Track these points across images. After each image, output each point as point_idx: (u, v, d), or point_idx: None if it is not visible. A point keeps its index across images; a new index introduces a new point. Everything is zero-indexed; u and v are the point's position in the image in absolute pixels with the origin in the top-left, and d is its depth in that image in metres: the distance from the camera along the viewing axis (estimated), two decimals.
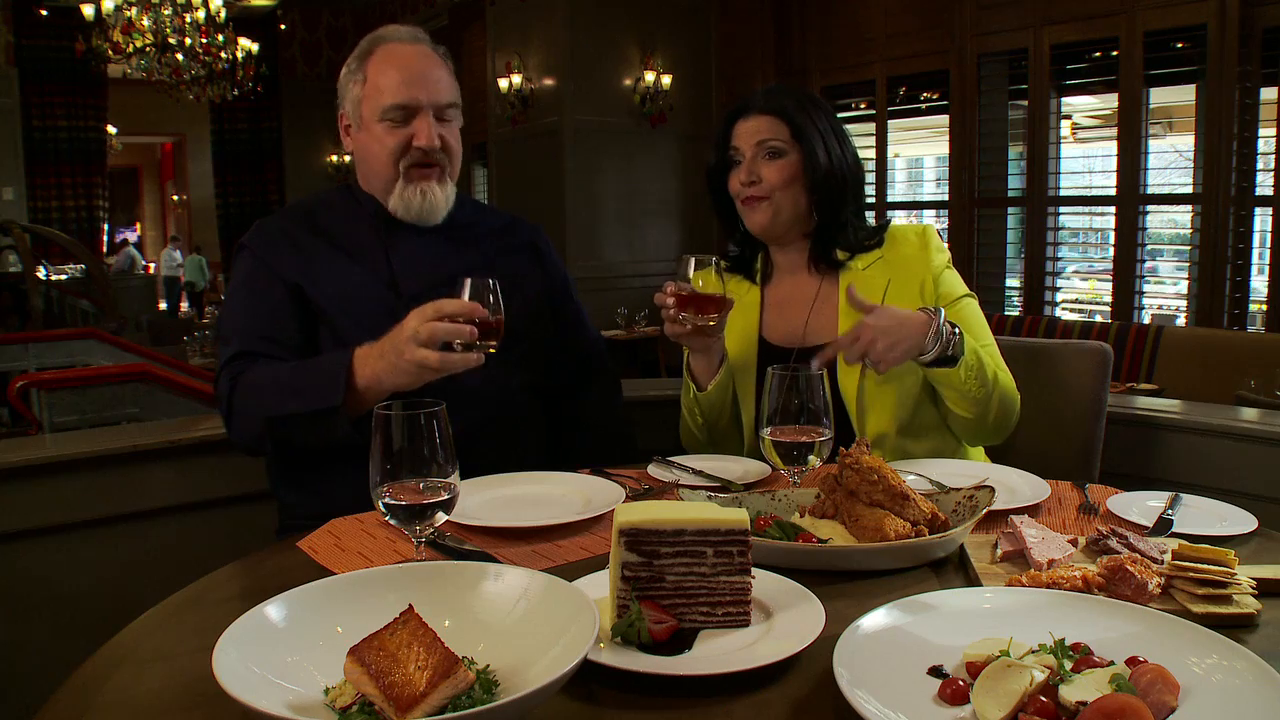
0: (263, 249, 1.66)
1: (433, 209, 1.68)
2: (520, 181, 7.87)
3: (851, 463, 1.17)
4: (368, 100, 1.65)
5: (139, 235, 18.01)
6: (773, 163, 1.70)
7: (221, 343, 1.65)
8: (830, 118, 1.75)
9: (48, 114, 10.01)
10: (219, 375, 1.60)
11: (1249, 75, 4.89)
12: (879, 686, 0.78)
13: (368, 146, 1.67)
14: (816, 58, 7.12)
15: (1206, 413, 2.04)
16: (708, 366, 1.68)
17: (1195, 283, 5.19)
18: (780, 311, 1.79)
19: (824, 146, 1.70)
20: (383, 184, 1.68)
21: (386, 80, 1.63)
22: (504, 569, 0.94)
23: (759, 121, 1.70)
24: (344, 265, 1.66)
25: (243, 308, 1.64)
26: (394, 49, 1.66)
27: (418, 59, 1.65)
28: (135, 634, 0.96)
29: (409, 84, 1.62)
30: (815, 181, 1.70)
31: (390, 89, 1.62)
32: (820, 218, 1.74)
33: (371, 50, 1.67)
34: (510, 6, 7.69)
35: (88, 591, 1.87)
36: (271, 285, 1.63)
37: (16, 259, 7.94)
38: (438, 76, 1.66)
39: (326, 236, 1.69)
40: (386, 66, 1.64)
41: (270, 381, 1.52)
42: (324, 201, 1.77)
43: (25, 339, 6.03)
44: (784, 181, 1.70)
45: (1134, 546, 1.08)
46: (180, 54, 7.17)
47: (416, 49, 1.66)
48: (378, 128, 1.64)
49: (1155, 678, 0.76)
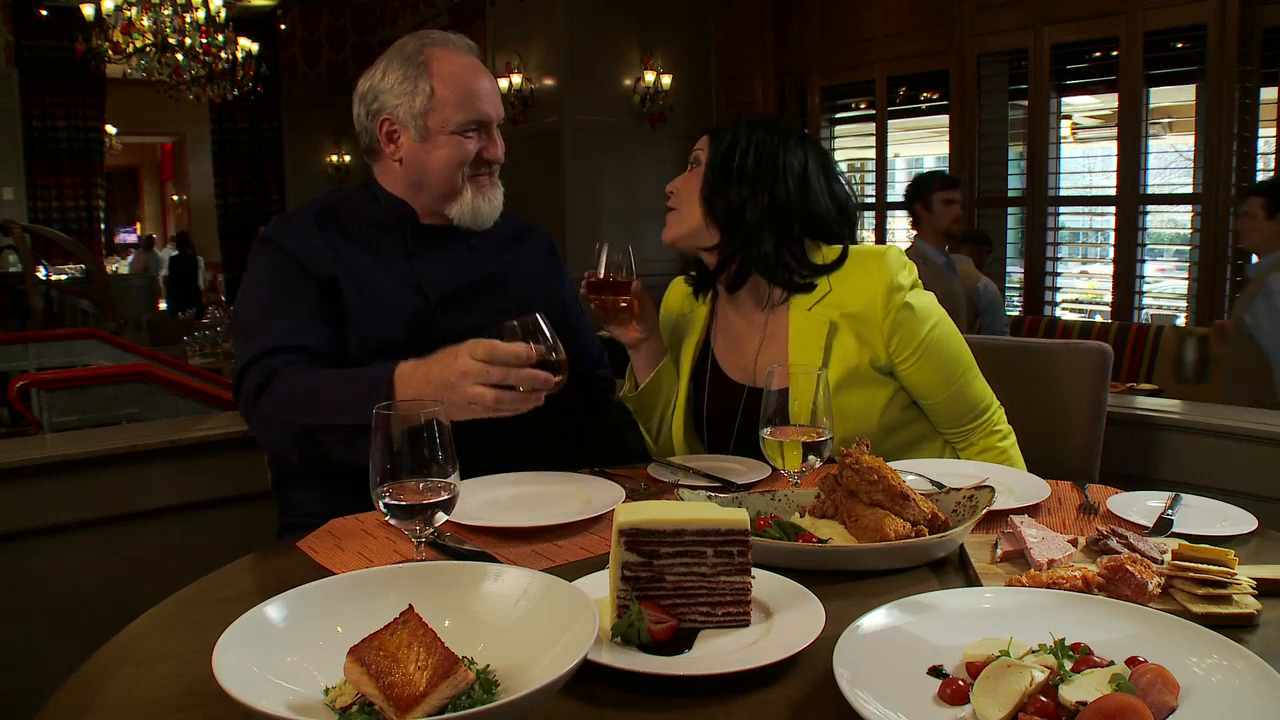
0: (291, 243, 1.63)
1: (494, 213, 1.73)
2: (520, 181, 7.85)
3: (851, 463, 1.17)
4: (435, 112, 1.63)
5: (139, 235, 18.00)
6: (686, 175, 1.67)
7: (244, 337, 1.59)
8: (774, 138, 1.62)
9: (47, 114, 9.99)
10: (243, 372, 1.54)
11: (1249, 75, 4.89)
12: (879, 686, 0.78)
13: (431, 156, 1.65)
14: (816, 58, 7.11)
15: (1206, 413, 2.05)
16: (645, 363, 1.72)
17: (1195, 283, 5.19)
18: (730, 339, 1.73)
19: (724, 161, 1.61)
20: (444, 191, 1.67)
21: (458, 94, 1.63)
22: (504, 569, 0.94)
23: (704, 138, 1.68)
24: (371, 265, 1.64)
25: (269, 302, 1.59)
26: (458, 61, 1.66)
27: (481, 72, 1.69)
28: (135, 634, 0.96)
29: (487, 97, 1.66)
30: (707, 194, 1.61)
31: (464, 103, 1.63)
32: (721, 236, 1.63)
33: (428, 60, 1.64)
34: (510, 6, 7.69)
35: (88, 591, 1.88)
36: (302, 281, 1.59)
37: (16, 259, 7.93)
38: (495, 89, 1.70)
39: (350, 233, 1.67)
40: (459, 78, 1.64)
41: (307, 390, 1.49)
42: (345, 199, 1.75)
43: (25, 339, 6.03)
44: (685, 192, 1.65)
45: (1134, 546, 1.08)
46: (180, 54, 7.15)
47: (475, 61, 1.69)
48: (447, 139, 1.64)
49: (1155, 678, 0.76)
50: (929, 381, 1.62)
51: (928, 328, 1.60)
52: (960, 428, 1.68)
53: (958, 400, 1.65)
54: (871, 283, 1.59)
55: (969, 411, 1.66)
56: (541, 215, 6.85)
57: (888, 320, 1.58)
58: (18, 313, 7.74)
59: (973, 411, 1.67)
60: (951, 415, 1.67)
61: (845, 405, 1.57)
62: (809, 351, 1.59)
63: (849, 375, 1.58)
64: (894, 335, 1.59)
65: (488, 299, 1.67)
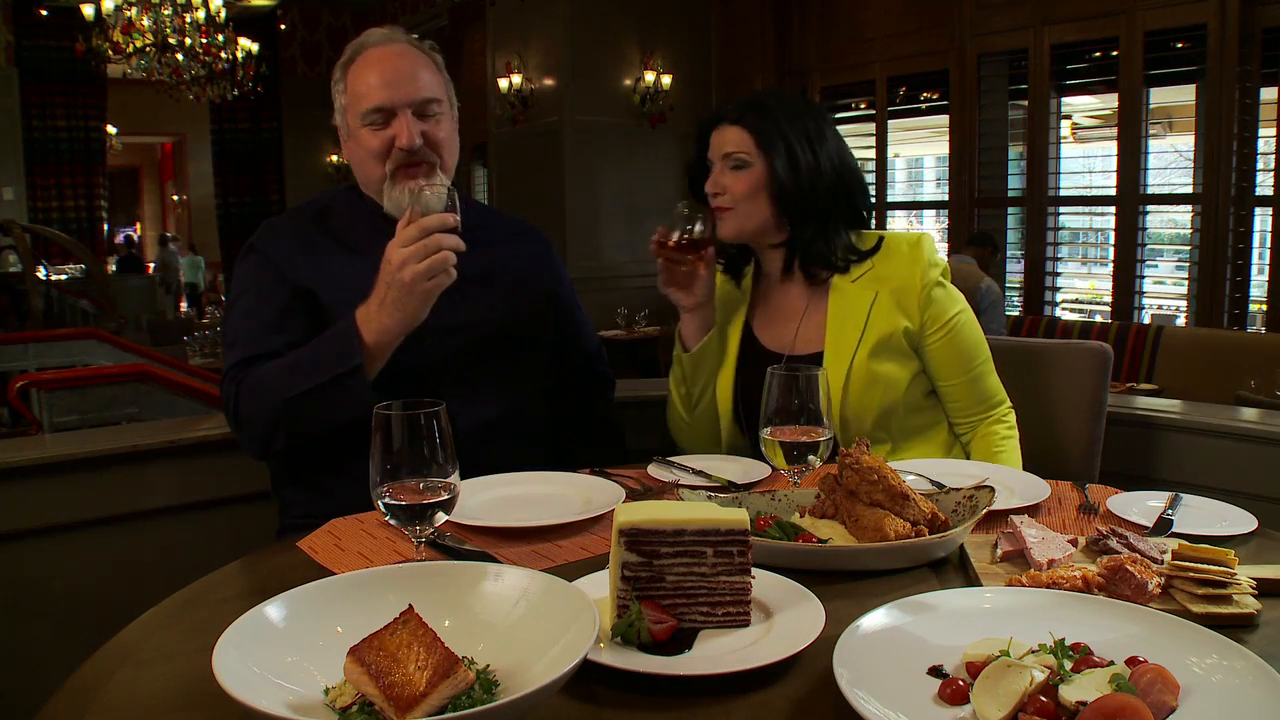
0: (272, 250, 1.65)
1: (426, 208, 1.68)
2: (520, 181, 7.87)
3: (851, 463, 1.17)
4: (350, 108, 1.65)
5: (139, 235, 18.00)
6: (737, 174, 1.69)
7: (226, 348, 1.62)
8: (813, 125, 1.71)
9: (48, 114, 9.99)
10: (223, 382, 1.58)
11: (1249, 75, 4.89)
12: (879, 686, 0.78)
13: (355, 152, 1.68)
14: (816, 58, 7.12)
15: (1206, 413, 2.05)
16: (697, 329, 1.73)
17: (1195, 283, 5.19)
18: (770, 318, 1.80)
19: (789, 159, 1.67)
20: (375, 187, 1.68)
21: (363, 85, 1.62)
22: (504, 569, 0.94)
23: (727, 133, 1.70)
24: (354, 266, 1.63)
25: (247, 312, 1.62)
26: (371, 54, 1.65)
27: (393, 59, 1.64)
28: (135, 634, 0.96)
29: (384, 85, 1.61)
30: (779, 194, 1.68)
31: (367, 93, 1.61)
32: (790, 229, 1.72)
33: (353, 58, 1.66)
34: (510, 6, 7.69)
35: (88, 591, 1.87)
36: (278, 287, 1.61)
37: (16, 259, 7.93)
38: (414, 74, 1.64)
39: (337, 237, 1.68)
40: (364, 71, 1.63)
41: (278, 370, 1.51)
42: (333, 201, 1.76)
43: (25, 339, 6.03)
44: (746, 194, 1.68)
45: (1134, 546, 1.08)
46: (180, 54, 7.16)
47: (392, 49, 1.65)
48: (361, 133, 1.64)
49: (1155, 678, 0.76)
50: (950, 361, 1.71)
51: (956, 310, 1.72)
52: (970, 418, 1.75)
53: (973, 387, 1.73)
54: (911, 260, 1.70)
55: (982, 402, 1.74)
56: (541, 215, 6.85)
57: (925, 292, 1.69)
58: (18, 313, 7.74)
59: (985, 403, 1.74)
60: (965, 403, 1.74)
61: (879, 371, 1.67)
62: (851, 321, 1.69)
63: (884, 341, 1.68)
64: (928, 308, 1.69)
65: (476, 295, 1.65)
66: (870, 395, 1.66)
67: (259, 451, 1.60)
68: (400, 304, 1.42)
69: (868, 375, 1.66)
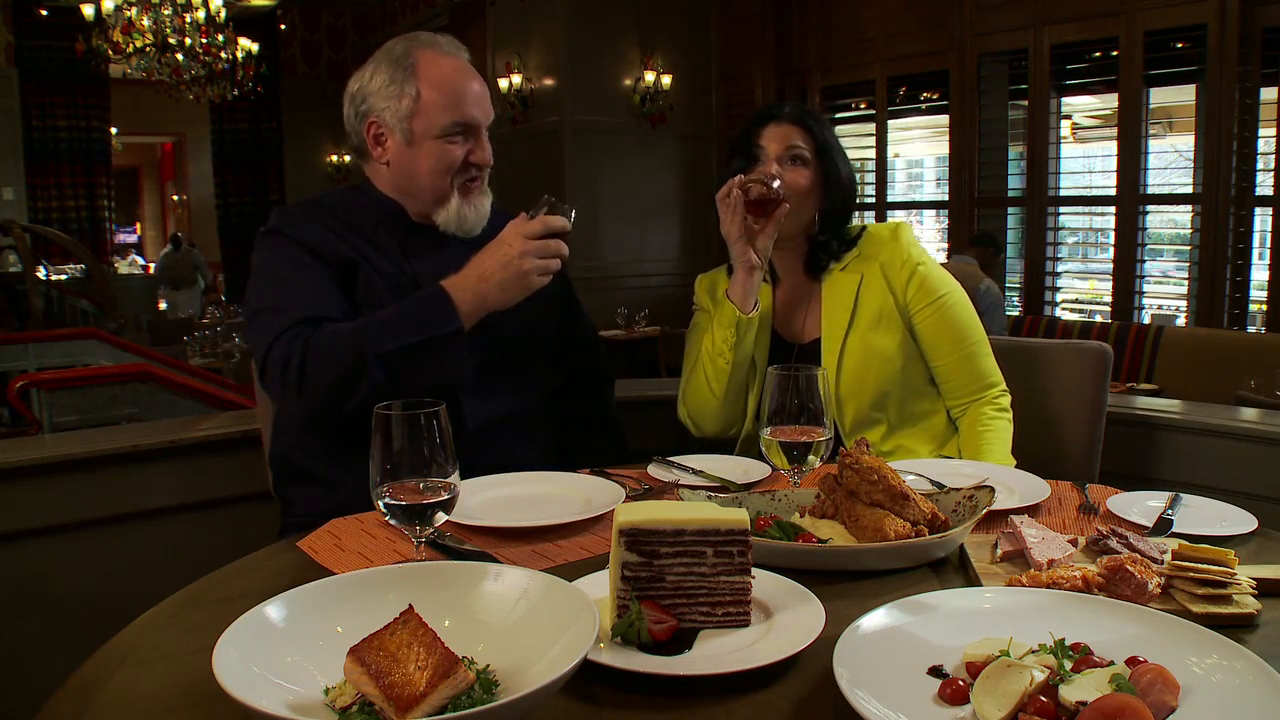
0: (299, 232, 1.60)
1: (480, 221, 1.69)
2: (520, 181, 7.86)
3: (851, 463, 1.17)
4: (421, 116, 1.61)
5: (139, 235, 18.00)
6: (797, 169, 1.77)
7: (266, 316, 1.52)
8: (836, 138, 1.85)
9: (48, 114, 9.98)
10: (274, 342, 1.47)
11: (1249, 75, 4.89)
12: (879, 686, 0.78)
13: (417, 161, 1.63)
14: (816, 58, 7.11)
15: (1206, 413, 2.05)
16: (744, 295, 1.72)
17: (1195, 283, 5.19)
18: (785, 313, 1.86)
19: (836, 167, 1.80)
20: (432, 197, 1.65)
21: (444, 97, 1.60)
22: (504, 569, 0.94)
23: (788, 128, 1.79)
24: (370, 259, 1.63)
25: (290, 280, 1.56)
26: (445, 63, 1.63)
27: (469, 74, 1.65)
28: (135, 634, 0.96)
29: (470, 102, 1.62)
30: (830, 195, 1.79)
31: (450, 107, 1.60)
32: (822, 228, 1.82)
33: (416, 62, 1.62)
34: (510, 6, 7.69)
35: (88, 591, 1.88)
36: (316, 262, 1.57)
37: (16, 259, 7.93)
38: (484, 92, 1.67)
39: (356, 230, 1.65)
40: (442, 82, 1.61)
41: (366, 325, 1.47)
42: (339, 199, 1.73)
43: (25, 339, 6.03)
44: (804, 189, 1.77)
45: (1134, 546, 1.08)
46: (180, 54, 7.15)
47: (463, 63, 1.65)
48: (432, 144, 1.61)
49: (1155, 678, 0.76)
50: (942, 339, 1.76)
51: (946, 289, 1.78)
52: (963, 399, 1.78)
53: (966, 366, 1.77)
54: (893, 242, 1.81)
55: (975, 382, 1.77)
56: None
57: (907, 269, 1.77)
58: (18, 313, 7.74)
59: (979, 383, 1.78)
60: (958, 383, 1.78)
61: (873, 345, 1.74)
62: (842, 303, 1.78)
63: (877, 314, 1.76)
64: (913, 282, 1.76)
65: None
66: (866, 371, 1.73)
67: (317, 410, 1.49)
68: (507, 287, 1.49)
69: (862, 350, 1.73)
